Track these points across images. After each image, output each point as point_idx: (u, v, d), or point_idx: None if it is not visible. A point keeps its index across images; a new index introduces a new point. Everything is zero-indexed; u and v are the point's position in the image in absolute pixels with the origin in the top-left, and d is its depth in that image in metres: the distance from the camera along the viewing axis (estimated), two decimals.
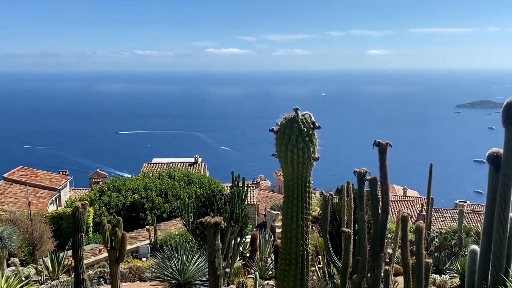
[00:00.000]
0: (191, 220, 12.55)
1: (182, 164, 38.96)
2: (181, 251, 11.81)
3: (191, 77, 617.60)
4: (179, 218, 16.13)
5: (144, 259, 17.29)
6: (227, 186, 27.58)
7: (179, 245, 13.10)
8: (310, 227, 4.43)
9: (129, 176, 35.35)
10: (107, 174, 49.03)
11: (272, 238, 15.43)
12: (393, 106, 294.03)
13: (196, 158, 40.19)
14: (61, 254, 14.75)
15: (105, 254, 14.20)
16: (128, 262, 16.24)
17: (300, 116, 4.03)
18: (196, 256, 11.75)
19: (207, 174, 36.62)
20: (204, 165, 40.44)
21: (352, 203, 9.43)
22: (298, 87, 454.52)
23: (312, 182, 4.33)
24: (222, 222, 7.23)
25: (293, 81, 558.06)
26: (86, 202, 9.55)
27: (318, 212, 14.85)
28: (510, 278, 6.13)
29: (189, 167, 37.57)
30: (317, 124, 4.12)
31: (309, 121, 4.08)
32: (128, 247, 13.40)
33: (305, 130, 4.01)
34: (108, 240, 8.85)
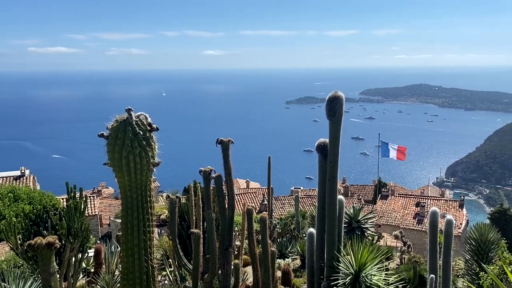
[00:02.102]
0: (20, 242, 10.85)
1: (4, 179, 33.84)
2: (9, 279, 10.13)
3: (9, 79, 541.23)
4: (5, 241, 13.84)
5: None
6: (62, 199, 24.90)
7: (7, 273, 11.24)
8: (160, 231, 4.11)
9: None
10: None
11: (119, 249, 14.49)
12: (231, 104, 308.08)
13: (23, 171, 35.38)
14: None
15: None
16: None
17: (134, 118, 3.53)
18: (29, 283, 10.22)
19: (38, 188, 32.59)
20: (33, 177, 35.85)
21: (200, 202, 9.39)
22: (137, 87, 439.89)
23: (156, 187, 4.04)
24: (56, 241, 6.37)
25: (132, 81, 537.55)
26: None
27: (166, 215, 14.50)
28: (342, 254, 6.87)
29: (15, 182, 32.91)
30: (154, 126, 3.65)
31: (145, 123, 3.64)
32: None
33: (141, 133, 3.53)
34: None
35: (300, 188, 47.69)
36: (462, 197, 38.46)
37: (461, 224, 32.30)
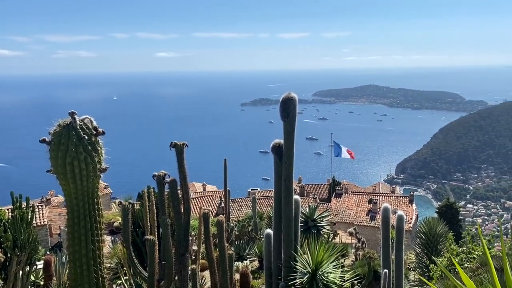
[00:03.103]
0: None
1: None
2: None
3: None
4: None
5: None
6: (7, 210, 23.51)
7: None
8: (113, 239, 3.92)
9: None
10: None
11: None
12: (186, 107, 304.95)
13: None
14: None
15: None
16: None
17: (78, 122, 3.33)
18: None
19: None
20: None
21: (155, 207, 9.16)
22: (87, 91, 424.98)
23: (108, 193, 3.86)
24: (0, 255, 5.98)
25: (80, 85, 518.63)
26: None
27: (119, 222, 14.05)
28: (299, 254, 6.93)
29: None
30: (100, 130, 3.46)
31: (90, 127, 3.46)
32: None
33: (86, 137, 3.35)
34: None
35: (257, 189, 47.86)
36: (412, 192, 40.09)
37: (411, 219, 33.65)
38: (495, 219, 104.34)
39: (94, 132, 3.41)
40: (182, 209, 7.20)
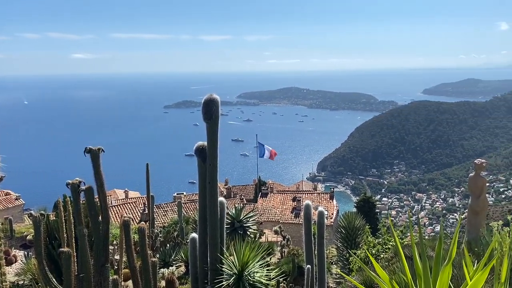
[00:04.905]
0: None
1: None
2: None
3: None
4: None
5: None
6: None
7: None
8: (26, 253, 3.58)
9: None
10: None
11: None
12: (106, 110, 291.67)
13: None
14: None
15: None
16: None
17: None
18: None
19: None
20: None
21: (71, 217, 8.59)
22: None
23: (20, 205, 3.51)
24: None
25: None
26: None
27: (33, 235, 12.99)
28: (225, 256, 6.90)
29: None
30: None
31: None
32: None
33: None
34: None
35: (183, 193, 47.05)
36: (332, 189, 41.95)
37: (332, 214, 35.23)
38: (408, 211, 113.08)
39: None
40: (100, 218, 6.82)
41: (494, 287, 3.12)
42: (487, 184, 10.12)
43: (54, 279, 7.52)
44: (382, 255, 9.73)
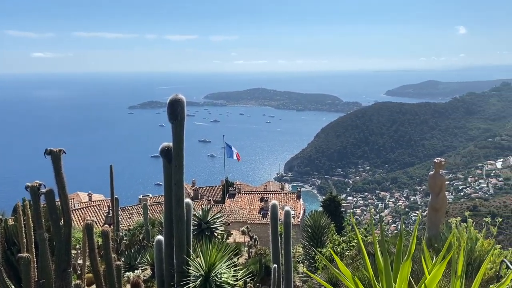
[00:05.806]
0: None
1: None
2: None
3: None
4: None
5: None
6: None
7: None
8: None
9: None
10: None
11: None
12: (67, 111, 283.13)
13: None
14: None
15: None
16: None
17: None
18: None
19: None
20: None
21: (31, 222, 8.29)
22: None
23: None
24: None
25: None
26: None
27: None
28: (191, 257, 6.85)
29: None
30: None
31: None
32: None
33: None
34: None
35: (148, 195, 46.27)
36: (299, 189, 42.43)
37: (299, 213, 35.63)
38: (372, 209, 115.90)
39: None
40: (62, 222, 6.62)
41: (451, 280, 3.26)
42: (447, 182, 10.51)
43: (13, 286, 7.23)
44: (347, 253, 9.94)
